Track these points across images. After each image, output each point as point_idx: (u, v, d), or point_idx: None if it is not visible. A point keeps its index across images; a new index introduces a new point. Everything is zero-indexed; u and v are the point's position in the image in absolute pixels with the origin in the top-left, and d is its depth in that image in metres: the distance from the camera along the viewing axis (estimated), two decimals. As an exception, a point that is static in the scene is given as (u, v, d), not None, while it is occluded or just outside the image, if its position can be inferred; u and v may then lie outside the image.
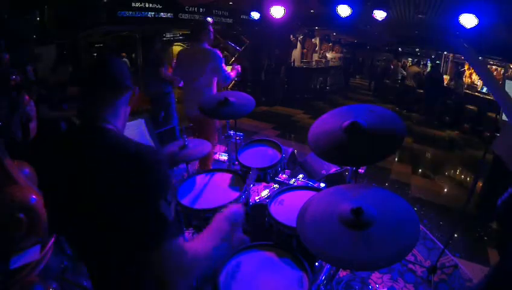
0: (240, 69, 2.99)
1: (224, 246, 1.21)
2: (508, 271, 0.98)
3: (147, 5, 6.62)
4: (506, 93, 1.16)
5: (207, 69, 2.68)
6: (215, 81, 2.81)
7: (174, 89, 3.94)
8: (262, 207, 1.66)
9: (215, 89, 2.84)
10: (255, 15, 6.75)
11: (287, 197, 1.56)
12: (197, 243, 0.85)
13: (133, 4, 6.39)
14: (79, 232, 0.82)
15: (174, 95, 3.97)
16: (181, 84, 3.79)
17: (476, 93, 7.86)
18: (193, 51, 2.79)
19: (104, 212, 0.75)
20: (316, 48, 11.46)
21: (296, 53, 10.16)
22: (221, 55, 2.72)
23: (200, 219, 1.43)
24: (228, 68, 2.92)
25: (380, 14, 5.18)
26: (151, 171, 0.75)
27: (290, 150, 2.92)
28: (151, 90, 3.76)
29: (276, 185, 2.28)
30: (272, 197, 1.54)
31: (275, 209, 1.44)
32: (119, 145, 0.79)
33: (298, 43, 10.43)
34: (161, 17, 6.97)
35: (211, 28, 2.75)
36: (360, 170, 2.52)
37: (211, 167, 2.85)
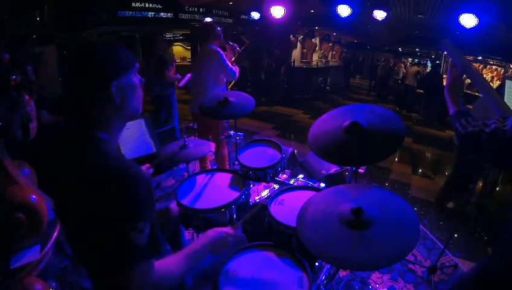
0: (237, 69, 3.02)
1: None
2: (495, 265, 0.99)
3: (147, 5, 6.64)
4: (494, 90, 1.17)
5: (212, 68, 2.74)
6: (223, 80, 2.85)
7: (176, 89, 3.94)
8: (262, 207, 1.66)
9: (224, 88, 2.91)
10: (255, 15, 6.75)
11: (287, 197, 1.55)
12: (169, 263, 0.83)
13: (133, 4, 6.40)
14: (67, 235, 0.83)
15: (176, 95, 3.98)
16: (181, 84, 3.80)
17: (476, 94, 7.87)
18: (201, 52, 2.88)
19: (78, 226, 0.74)
20: (316, 48, 11.47)
21: (296, 53, 10.17)
22: (222, 52, 2.75)
23: (200, 219, 1.43)
24: None
25: (380, 14, 5.19)
26: (124, 197, 0.71)
27: (290, 150, 2.92)
28: (155, 92, 3.73)
29: (276, 185, 2.27)
30: (272, 197, 1.53)
31: (274, 209, 1.44)
32: (99, 163, 0.74)
33: (298, 43, 10.44)
34: (161, 17, 6.98)
35: (218, 29, 2.81)
36: (360, 170, 2.51)
37: (226, 159, 2.84)
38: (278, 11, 5.19)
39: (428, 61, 13.32)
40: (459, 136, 1.04)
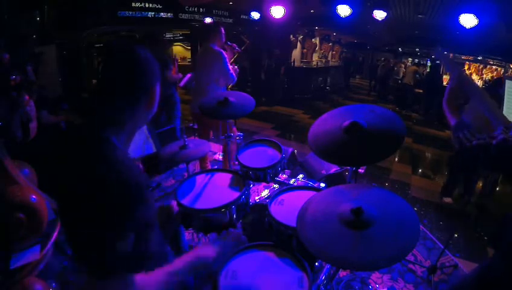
0: (237, 69, 3.03)
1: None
2: (496, 268, 0.99)
3: (147, 5, 6.63)
4: (487, 94, 1.17)
5: (213, 69, 2.73)
6: (223, 81, 2.86)
7: (178, 89, 3.94)
8: (262, 207, 1.66)
9: (224, 88, 2.90)
10: (255, 15, 6.76)
11: (287, 197, 1.56)
12: (150, 281, 0.80)
13: (133, 4, 6.40)
14: (66, 235, 0.81)
15: (178, 94, 3.97)
16: (181, 84, 3.79)
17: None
18: (203, 52, 2.86)
19: (76, 227, 0.73)
20: (316, 48, 11.47)
21: (296, 53, 10.17)
22: (226, 55, 2.75)
23: (200, 218, 1.43)
24: None
25: (380, 14, 5.19)
26: (115, 203, 0.70)
27: (290, 150, 2.92)
28: None
29: (276, 185, 2.28)
30: (272, 197, 1.53)
31: (274, 209, 1.44)
32: (102, 164, 0.72)
33: (298, 43, 10.44)
34: (161, 17, 6.98)
35: (222, 30, 2.80)
36: (360, 170, 2.52)
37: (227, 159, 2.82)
38: (278, 11, 5.20)
39: (428, 61, 13.31)
40: (464, 148, 1.05)
